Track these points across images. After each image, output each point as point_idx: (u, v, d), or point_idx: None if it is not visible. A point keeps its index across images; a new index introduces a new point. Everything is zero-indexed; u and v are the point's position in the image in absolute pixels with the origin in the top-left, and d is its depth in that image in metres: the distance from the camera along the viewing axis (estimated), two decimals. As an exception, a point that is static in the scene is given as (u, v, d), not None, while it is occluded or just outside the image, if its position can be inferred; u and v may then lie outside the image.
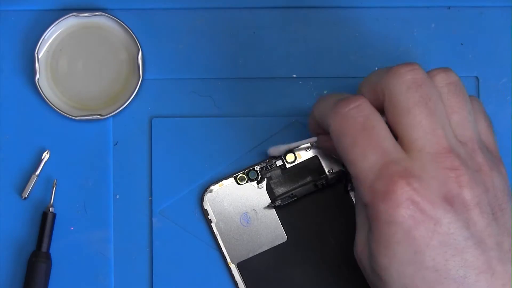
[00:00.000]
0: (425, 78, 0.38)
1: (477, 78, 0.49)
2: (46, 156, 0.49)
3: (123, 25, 0.49)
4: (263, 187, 0.48)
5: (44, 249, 0.47)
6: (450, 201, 0.36)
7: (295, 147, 0.47)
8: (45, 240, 0.47)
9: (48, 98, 0.48)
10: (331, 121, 0.39)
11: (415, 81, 0.38)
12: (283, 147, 0.47)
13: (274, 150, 0.47)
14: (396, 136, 0.38)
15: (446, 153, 0.37)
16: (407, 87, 0.38)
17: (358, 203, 0.40)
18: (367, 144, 0.37)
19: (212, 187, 0.48)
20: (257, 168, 0.48)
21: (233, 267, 0.48)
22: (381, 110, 0.39)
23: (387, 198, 0.36)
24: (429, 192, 0.36)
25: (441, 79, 0.39)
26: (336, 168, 0.48)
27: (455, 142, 0.38)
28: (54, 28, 0.49)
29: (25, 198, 0.48)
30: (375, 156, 0.37)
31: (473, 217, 0.36)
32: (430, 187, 0.36)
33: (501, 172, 0.39)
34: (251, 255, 0.48)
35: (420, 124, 0.37)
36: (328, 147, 0.45)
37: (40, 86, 0.48)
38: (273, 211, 0.48)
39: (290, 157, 0.48)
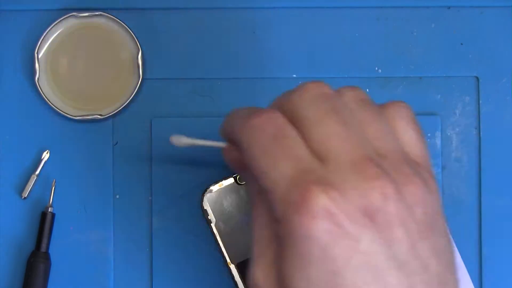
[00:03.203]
0: (334, 93, 0.35)
1: (477, 78, 0.49)
2: (46, 156, 0.49)
3: (123, 25, 0.49)
4: (263, 187, 0.48)
5: (43, 249, 0.47)
6: (372, 216, 0.32)
7: (201, 145, 0.42)
8: (44, 240, 0.47)
9: (48, 98, 0.48)
10: (242, 133, 0.35)
11: (323, 94, 0.35)
12: (185, 140, 0.42)
13: (175, 139, 0.42)
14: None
15: (366, 161, 0.32)
16: (315, 99, 0.34)
17: (257, 223, 0.35)
18: (278, 153, 0.33)
19: (212, 187, 0.48)
20: (257, 168, 0.48)
21: (233, 267, 0.48)
22: None
23: (302, 208, 0.31)
24: (348, 203, 0.32)
25: (349, 96, 0.36)
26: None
27: (375, 154, 0.34)
28: (54, 28, 0.49)
29: (25, 198, 0.48)
30: (288, 164, 0.33)
31: (397, 235, 0.32)
32: (350, 198, 0.32)
33: (430, 188, 0.34)
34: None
35: (334, 132, 0.33)
36: (233, 158, 0.39)
37: (40, 86, 0.48)
38: (273, 211, 0.48)
39: (290, 157, 0.48)
